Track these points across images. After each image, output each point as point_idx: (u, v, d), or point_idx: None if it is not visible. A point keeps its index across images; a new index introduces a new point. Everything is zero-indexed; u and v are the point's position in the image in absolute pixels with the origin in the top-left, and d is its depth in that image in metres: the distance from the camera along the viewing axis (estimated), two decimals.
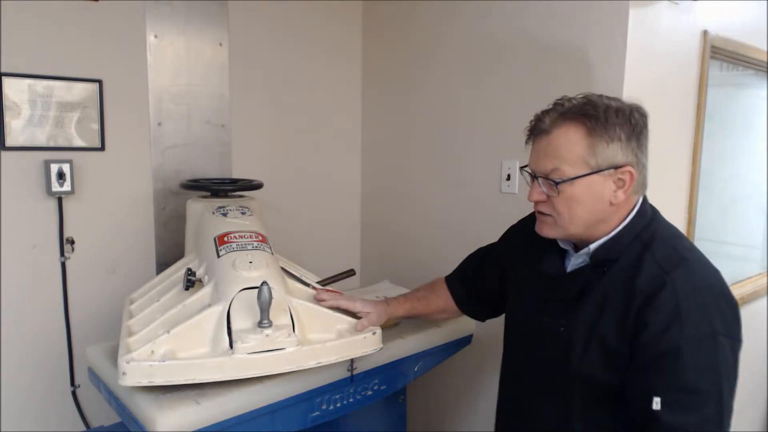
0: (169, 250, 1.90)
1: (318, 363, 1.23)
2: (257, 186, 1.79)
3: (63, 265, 1.72)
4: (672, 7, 1.67)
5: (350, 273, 1.57)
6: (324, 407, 1.35)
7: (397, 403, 1.75)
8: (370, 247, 2.47)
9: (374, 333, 1.33)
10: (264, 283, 1.16)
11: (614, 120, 0.99)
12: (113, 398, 1.29)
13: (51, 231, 1.70)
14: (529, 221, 1.21)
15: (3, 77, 1.58)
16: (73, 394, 1.77)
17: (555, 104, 1.07)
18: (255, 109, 2.10)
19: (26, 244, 1.67)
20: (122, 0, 1.76)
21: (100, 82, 1.74)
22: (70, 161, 1.67)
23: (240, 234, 1.44)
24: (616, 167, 0.99)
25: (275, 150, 2.17)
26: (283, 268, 1.45)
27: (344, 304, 1.37)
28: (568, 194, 1.01)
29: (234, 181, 1.83)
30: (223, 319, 1.21)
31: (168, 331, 1.18)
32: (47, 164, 1.64)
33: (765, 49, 2.15)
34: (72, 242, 1.73)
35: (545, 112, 1.07)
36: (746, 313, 2.47)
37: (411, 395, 1.84)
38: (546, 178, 1.02)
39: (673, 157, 1.82)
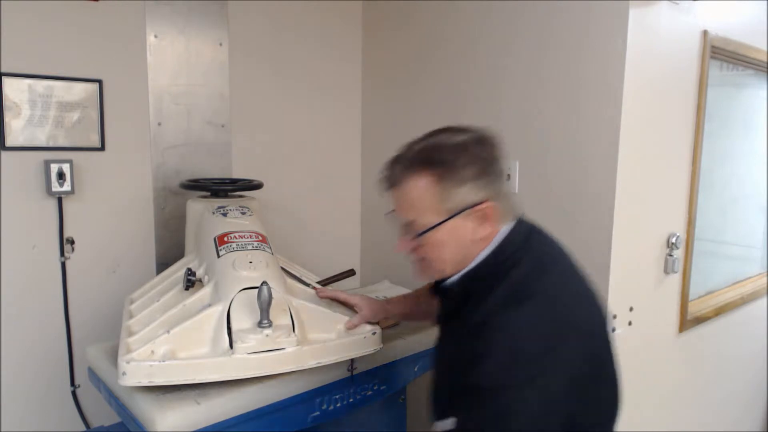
0: (169, 250, 1.90)
1: (318, 363, 1.23)
2: (257, 186, 1.79)
3: (63, 265, 1.72)
4: (672, 7, 1.67)
5: (350, 273, 1.57)
6: (324, 407, 1.35)
7: (397, 403, 1.75)
8: (370, 247, 2.47)
9: (374, 333, 1.33)
10: (264, 283, 1.16)
11: (461, 161, 0.96)
12: (113, 398, 1.29)
13: (51, 231, 1.70)
14: None
15: (3, 77, 1.58)
16: (73, 394, 1.77)
17: (400, 154, 1.05)
18: (255, 109, 2.10)
19: (26, 244, 1.67)
20: (122, 0, 1.76)
21: (100, 82, 1.74)
22: (70, 161, 1.67)
23: (240, 234, 1.44)
24: (473, 206, 0.96)
25: (275, 150, 2.17)
26: (283, 269, 1.45)
27: (342, 296, 1.39)
28: (432, 241, 0.99)
29: (234, 181, 1.83)
30: (223, 319, 1.21)
31: (168, 331, 1.18)
32: (47, 164, 1.64)
33: (765, 49, 2.15)
34: (72, 242, 1.73)
35: (392, 164, 1.06)
36: (746, 314, 2.49)
37: (411, 395, 1.84)
38: (407, 229, 1.02)
39: (673, 157, 1.82)
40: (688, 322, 1.96)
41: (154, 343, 1.16)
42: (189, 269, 1.39)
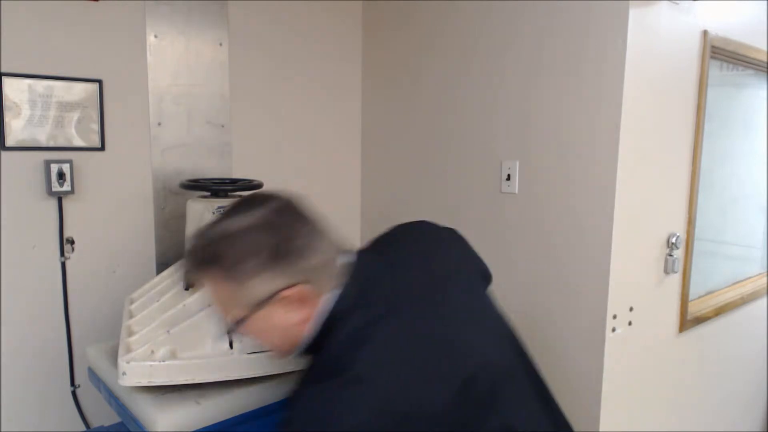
0: (169, 250, 1.90)
1: None
2: (257, 186, 1.79)
3: (63, 265, 1.72)
4: (672, 7, 1.67)
5: None
6: None
7: None
8: None
9: None
10: None
11: (241, 255, 0.85)
12: (113, 398, 1.29)
13: (51, 231, 1.70)
14: None
15: (3, 77, 1.58)
16: (73, 394, 1.77)
17: (190, 248, 0.91)
18: (255, 109, 2.10)
19: (26, 244, 1.67)
20: (122, 0, 1.76)
21: (100, 82, 1.74)
22: (70, 161, 1.67)
23: None
24: (272, 296, 0.85)
25: (275, 150, 2.17)
26: None
27: None
28: (251, 331, 0.90)
29: (234, 181, 1.82)
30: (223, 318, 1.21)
31: (168, 331, 1.18)
32: (47, 164, 1.64)
33: (765, 49, 2.15)
34: (72, 242, 1.73)
35: (186, 259, 0.92)
36: (746, 314, 2.49)
37: None
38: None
39: (673, 157, 1.82)
40: (688, 322, 1.96)
41: (154, 343, 1.16)
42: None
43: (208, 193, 1.74)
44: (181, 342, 1.18)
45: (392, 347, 0.82)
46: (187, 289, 1.36)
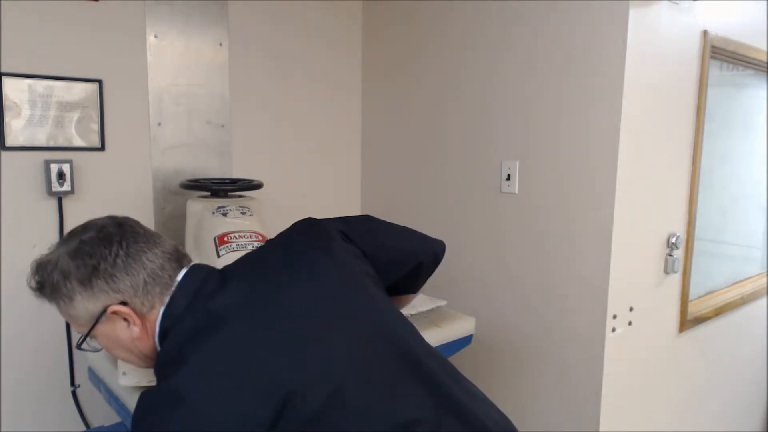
0: None
1: None
2: (257, 186, 1.79)
3: None
4: (672, 7, 1.67)
5: None
6: None
7: None
8: None
9: None
10: None
11: (57, 280, 0.91)
12: (113, 398, 1.29)
13: (51, 231, 1.70)
14: None
15: (3, 77, 1.58)
16: (73, 394, 1.77)
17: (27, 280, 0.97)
18: (255, 109, 2.10)
19: (26, 244, 1.67)
20: (122, 0, 1.76)
21: (100, 82, 1.74)
22: (70, 161, 1.67)
23: (240, 234, 1.44)
24: (101, 314, 0.91)
25: (275, 150, 2.17)
26: None
27: None
28: (104, 346, 0.97)
29: (234, 181, 1.83)
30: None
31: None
32: (47, 164, 1.64)
33: (765, 49, 2.15)
34: None
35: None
36: (746, 314, 2.49)
37: None
38: None
39: (673, 157, 1.82)
40: (688, 322, 1.96)
41: None
42: None
43: (208, 193, 1.74)
44: None
45: (211, 362, 0.83)
46: None
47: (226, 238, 1.43)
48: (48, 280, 0.93)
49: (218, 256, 1.38)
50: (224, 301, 0.91)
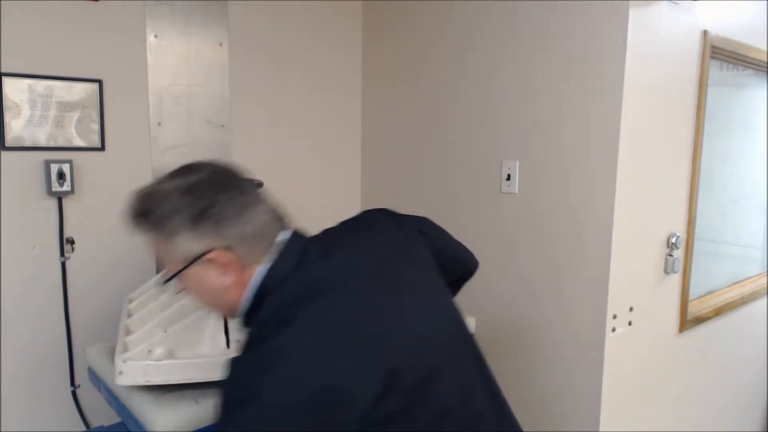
0: None
1: None
2: (257, 185, 1.79)
3: (63, 265, 1.72)
4: (672, 7, 1.67)
5: None
6: None
7: None
8: None
9: None
10: None
11: (163, 212, 0.90)
12: (113, 398, 1.29)
13: (51, 231, 1.70)
14: None
15: (3, 77, 1.58)
16: (73, 394, 1.77)
17: (126, 205, 0.99)
18: (255, 109, 2.10)
19: (26, 244, 1.67)
20: (122, 0, 1.76)
21: (100, 82, 1.74)
22: (70, 161, 1.67)
23: None
24: (200, 256, 0.90)
25: (275, 150, 2.17)
26: None
27: None
28: (190, 288, 0.96)
29: None
30: (221, 318, 1.20)
31: (165, 330, 1.18)
32: (47, 164, 1.64)
33: (765, 49, 2.15)
34: (72, 242, 1.73)
35: (125, 218, 0.98)
36: (746, 314, 2.49)
37: None
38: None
39: (673, 157, 1.82)
40: (688, 322, 1.96)
41: (151, 343, 1.16)
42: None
43: None
44: (179, 341, 1.18)
45: (316, 327, 0.82)
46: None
47: None
48: (154, 210, 0.91)
49: None
50: (329, 268, 0.91)
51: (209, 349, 1.18)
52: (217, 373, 1.15)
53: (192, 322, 1.20)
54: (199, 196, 0.90)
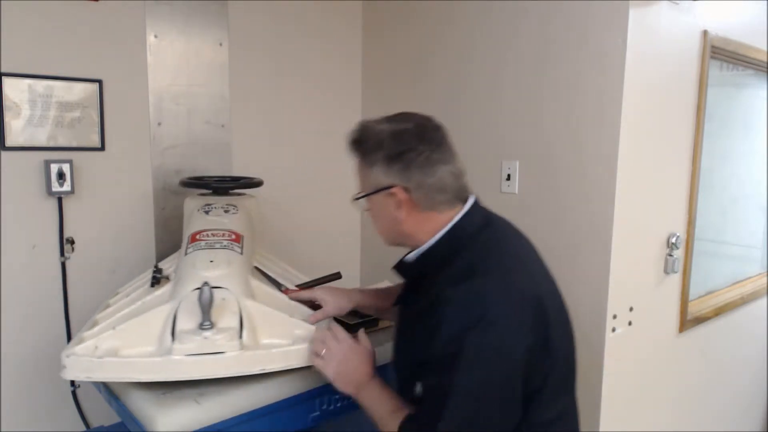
0: (169, 250, 1.90)
1: (262, 369, 1.17)
2: (255, 184, 1.78)
3: (63, 265, 1.72)
4: (672, 7, 1.67)
5: (335, 276, 1.54)
6: (324, 407, 1.35)
7: None
8: (370, 248, 2.47)
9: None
10: (205, 283, 1.12)
11: (372, 147, 1.12)
12: (113, 398, 1.29)
13: (51, 231, 1.70)
14: None
15: (3, 77, 1.58)
16: (73, 394, 1.77)
17: (349, 134, 1.23)
18: (255, 109, 2.10)
19: (26, 244, 1.67)
20: (122, 0, 1.76)
21: (100, 82, 1.74)
22: (70, 161, 1.67)
23: (213, 232, 1.41)
24: (384, 188, 1.10)
25: (275, 150, 2.17)
26: (259, 269, 1.42)
27: (304, 295, 1.38)
28: (370, 210, 1.18)
29: (235, 179, 1.82)
30: (170, 318, 1.18)
31: (114, 328, 1.17)
32: (47, 164, 1.64)
33: (765, 49, 2.15)
34: (72, 242, 1.73)
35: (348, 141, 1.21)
36: (746, 314, 2.49)
37: None
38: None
39: (673, 157, 1.82)
40: (688, 322, 1.96)
41: (98, 339, 1.15)
42: (156, 266, 1.38)
43: (209, 191, 1.74)
44: (128, 339, 1.16)
45: (507, 279, 1.02)
46: (153, 285, 1.34)
47: (198, 236, 1.38)
48: (365, 142, 1.14)
49: (185, 254, 1.35)
50: (502, 233, 1.14)
51: (155, 350, 1.15)
52: (157, 375, 1.12)
53: (142, 321, 1.18)
54: (400, 142, 1.08)
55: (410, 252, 1.16)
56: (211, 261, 1.29)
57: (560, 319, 1.09)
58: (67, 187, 1.67)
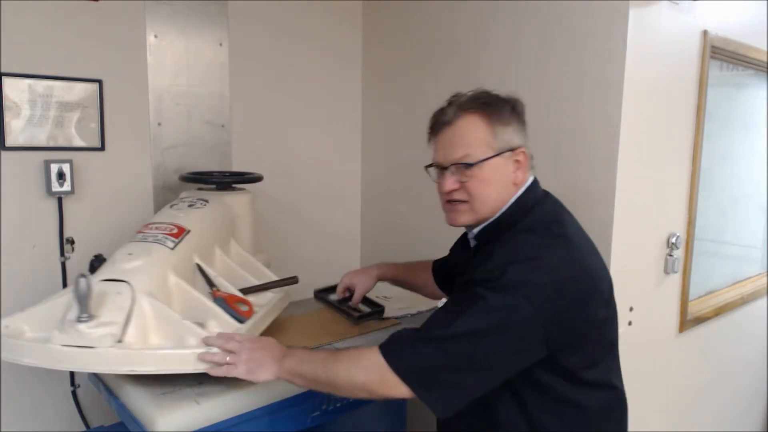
0: None
1: (132, 370, 1.13)
2: (258, 178, 1.77)
3: (63, 265, 1.72)
4: (672, 7, 1.67)
5: (292, 280, 1.53)
6: (324, 407, 1.35)
7: (397, 403, 1.75)
8: (370, 247, 2.47)
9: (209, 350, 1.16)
10: (81, 275, 1.09)
11: (505, 107, 1.13)
12: (113, 398, 1.29)
13: (51, 231, 1.70)
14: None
15: (3, 77, 1.58)
16: (73, 394, 1.77)
17: (452, 100, 1.19)
18: (255, 109, 2.10)
19: (26, 244, 1.67)
20: (122, 0, 1.76)
21: (100, 82, 1.74)
22: (70, 161, 1.67)
23: (157, 225, 1.39)
24: (513, 149, 1.12)
25: (275, 150, 2.17)
26: (198, 266, 1.38)
27: (340, 287, 1.58)
28: (479, 176, 1.10)
29: (208, 173, 1.80)
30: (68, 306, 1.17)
31: (22, 310, 1.19)
32: (47, 164, 1.64)
33: (765, 49, 2.15)
34: (72, 242, 1.73)
35: (445, 108, 1.18)
36: (746, 314, 2.49)
37: None
38: (457, 164, 1.11)
39: (673, 157, 1.82)
40: (688, 322, 1.96)
41: (11, 319, 1.18)
42: (97, 254, 1.40)
43: (213, 186, 1.73)
44: (34, 323, 1.18)
45: (580, 233, 1.13)
46: (91, 271, 1.33)
47: (144, 229, 1.38)
48: (498, 101, 1.14)
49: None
50: (560, 204, 1.21)
51: (46, 335, 1.14)
52: (39, 360, 1.12)
53: (48, 306, 1.19)
54: (521, 108, 1.16)
55: (476, 226, 1.16)
56: (130, 254, 1.27)
57: (612, 294, 1.13)
58: (67, 187, 1.67)
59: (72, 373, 1.77)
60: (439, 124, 1.17)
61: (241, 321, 1.26)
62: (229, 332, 1.18)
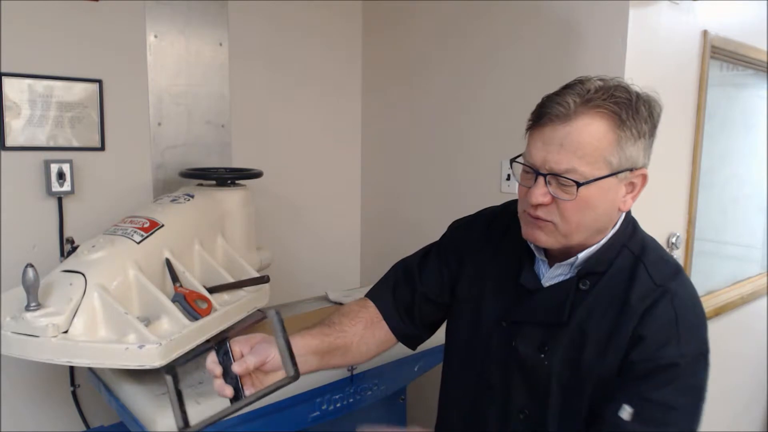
0: None
1: (69, 362, 1.15)
2: (258, 174, 1.77)
3: None
4: (672, 7, 1.67)
5: (262, 280, 1.52)
6: (324, 407, 1.35)
7: (397, 403, 1.75)
8: (369, 247, 2.47)
9: (141, 347, 1.14)
10: (29, 265, 1.13)
11: (643, 112, 0.84)
12: (113, 398, 1.29)
13: (51, 231, 1.70)
14: (484, 218, 1.10)
15: (3, 77, 1.58)
16: (73, 394, 1.77)
17: (575, 87, 0.86)
18: (255, 109, 2.10)
19: (26, 244, 1.67)
20: (122, 0, 1.76)
21: (100, 82, 1.74)
22: (70, 161, 1.67)
23: (132, 219, 1.40)
24: (633, 169, 0.86)
25: (275, 150, 2.17)
26: (168, 261, 1.37)
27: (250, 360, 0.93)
28: (581, 199, 0.84)
29: (208, 169, 1.80)
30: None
31: None
32: (47, 164, 1.64)
33: (765, 49, 2.15)
34: (72, 242, 1.73)
35: (563, 95, 0.85)
36: (746, 314, 2.48)
37: (411, 395, 1.84)
38: (559, 176, 0.83)
39: (673, 157, 1.82)
40: None
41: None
42: (69, 239, 1.44)
43: (213, 182, 1.72)
44: (4, 309, 1.20)
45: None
46: (66, 258, 1.34)
47: (120, 222, 1.39)
48: (638, 104, 0.84)
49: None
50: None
51: (9, 325, 1.18)
52: (6, 349, 1.15)
53: (14, 294, 1.22)
54: (659, 113, 0.87)
55: (578, 249, 0.92)
56: (93, 246, 1.29)
57: None
58: (67, 187, 1.67)
59: (72, 373, 1.77)
60: (549, 115, 0.84)
61: (195, 318, 1.26)
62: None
